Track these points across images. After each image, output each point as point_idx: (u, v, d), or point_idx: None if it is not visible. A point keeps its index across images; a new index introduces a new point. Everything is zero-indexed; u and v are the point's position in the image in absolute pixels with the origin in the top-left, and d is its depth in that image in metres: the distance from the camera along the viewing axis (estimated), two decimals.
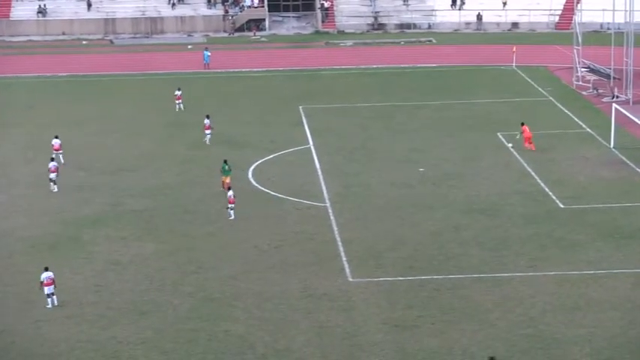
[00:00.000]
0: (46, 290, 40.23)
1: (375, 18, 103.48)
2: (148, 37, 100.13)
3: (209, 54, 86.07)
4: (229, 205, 49.71)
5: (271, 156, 60.47)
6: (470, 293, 41.32)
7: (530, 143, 59.98)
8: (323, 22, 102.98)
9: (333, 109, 71.86)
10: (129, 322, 39.03)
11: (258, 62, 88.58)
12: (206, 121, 62.73)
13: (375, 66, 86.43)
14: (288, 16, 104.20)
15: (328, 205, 51.97)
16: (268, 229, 48.61)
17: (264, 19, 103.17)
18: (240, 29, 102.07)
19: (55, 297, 40.23)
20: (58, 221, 49.83)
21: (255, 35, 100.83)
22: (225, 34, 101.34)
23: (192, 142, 63.00)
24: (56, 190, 53.91)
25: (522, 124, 61.21)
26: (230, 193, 50.03)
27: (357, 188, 54.60)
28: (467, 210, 50.80)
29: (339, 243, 46.81)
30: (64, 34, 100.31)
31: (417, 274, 43.20)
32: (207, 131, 62.53)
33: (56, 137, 59.38)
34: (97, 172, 57.76)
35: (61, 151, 58.54)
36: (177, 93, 71.34)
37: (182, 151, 61.52)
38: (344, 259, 45.00)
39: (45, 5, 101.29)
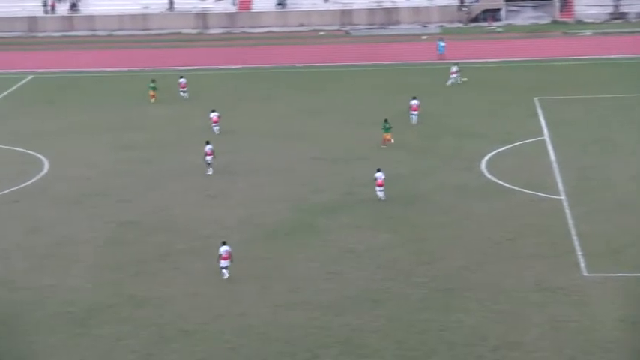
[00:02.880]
0: (223, 263, 42.27)
1: (616, 6, 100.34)
2: (383, 28, 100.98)
3: (443, 44, 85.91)
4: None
5: (505, 147, 59.75)
6: None
7: None
8: (561, 11, 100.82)
9: (570, 101, 70.23)
10: (362, 309, 39.52)
11: (492, 53, 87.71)
12: (413, 101, 64.82)
13: (615, 56, 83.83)
14: (525, 6, 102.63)
15: (563, 198, 50.89)
16: (501, 221, 48.12)
17: (500, 9, 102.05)
18: (475, 19, 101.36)
19: (226, 270, 42.38)
20: (294, 209, 51.00)
21: (490, 25, 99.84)
22: (460, 25, 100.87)
23: (424, 133, 63.16)
24: (211, 173, 55.69)
25: None
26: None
27: (594, 181, 53.20)
28: None
29: (574, 237, 45.76)
30: (301, 25, 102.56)
31: None
32: (414, 112, 64.62)
33: (213, 110, 63.91)
34: (331, 160, 58.77)
35: (218, 123, 63.08)
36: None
37: (413, 140, 61.68)
38: (579, 253, 43.98)
39: None
